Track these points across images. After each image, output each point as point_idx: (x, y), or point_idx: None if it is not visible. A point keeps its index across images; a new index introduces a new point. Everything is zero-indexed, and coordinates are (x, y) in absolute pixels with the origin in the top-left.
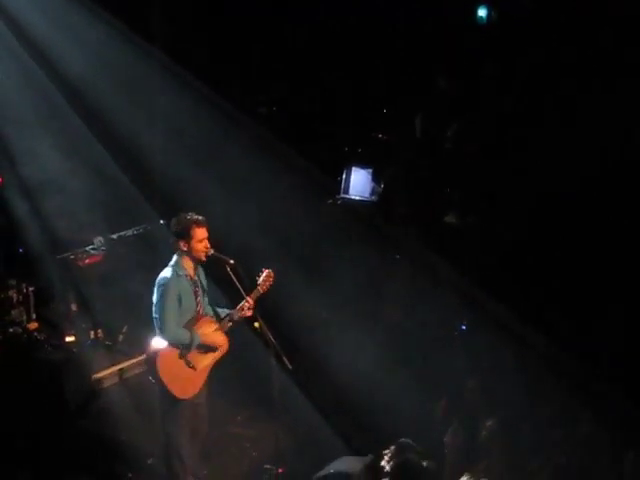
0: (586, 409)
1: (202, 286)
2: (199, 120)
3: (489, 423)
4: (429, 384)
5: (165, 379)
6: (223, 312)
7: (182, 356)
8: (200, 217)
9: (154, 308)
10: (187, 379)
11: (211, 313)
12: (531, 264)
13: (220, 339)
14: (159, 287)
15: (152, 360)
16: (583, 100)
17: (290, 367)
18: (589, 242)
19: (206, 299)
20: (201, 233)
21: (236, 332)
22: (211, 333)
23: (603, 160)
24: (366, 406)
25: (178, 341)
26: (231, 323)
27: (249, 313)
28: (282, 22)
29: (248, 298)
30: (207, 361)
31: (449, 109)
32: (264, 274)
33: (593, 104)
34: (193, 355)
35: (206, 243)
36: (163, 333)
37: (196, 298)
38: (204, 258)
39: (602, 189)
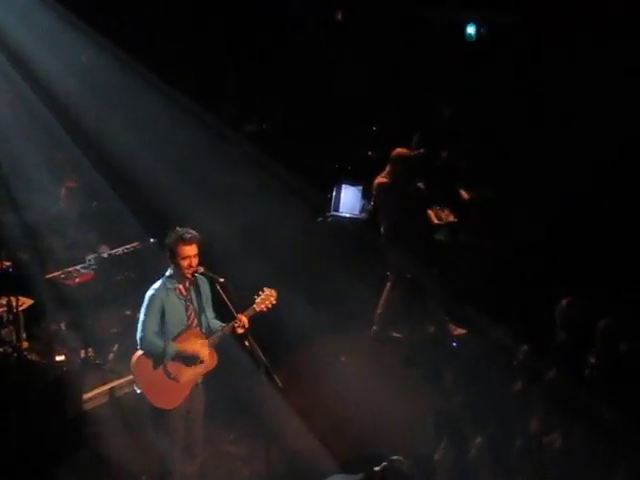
0: (576, 421)
1: (199, 301)
2: (190, 138)
3: (478, 441)
4: (419, 401)
5: (142, 386)
6: (216, 326)
7: (157, 366)
8: (188, 234)
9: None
10: (168, 390)
11: (208, 329)
12: (519, 279)
13: (202, 352)
14: (146, 297)
15: (132, 368)
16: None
17: (280, 385)
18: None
19: (207, 314)
20: (187, 250)
21: (227, 350)
22: (192, 345)
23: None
24: (357, 424)
25: (150, 350)
26: (220, 337)
27: (240, 330)
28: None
29: (241, 316)
30: (191, 374)
31: (445, 131)
32: (265, 293)
33: (588, 116)
34: (174, 366)
35: (190, 261)
36: (139, 340)
37: (186, 312)
38: (189, 275)
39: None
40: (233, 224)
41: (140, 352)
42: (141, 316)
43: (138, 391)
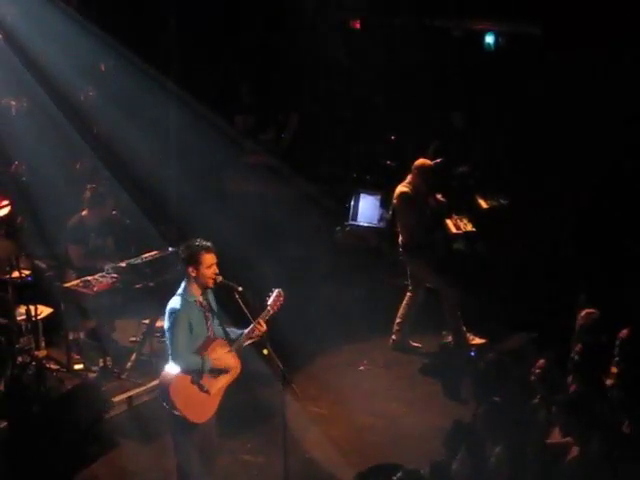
0: (595, 432)
1: (212, 309)
2: (207, 147)
3: (497, 450)
4: (437, 411)
5: (179, 405)
6: (234, 333)
7: (195, 381)
8: (208, 243)
9: (166, 335)
10: (201, 403)
11: (222, 335)
12: (537, 288)
13: (232, 361)
14: (170, 315)
15: (165, 386)
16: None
17: (299, 394)
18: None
19: (216, 321)
20: (210, 259)
21: (244, 359)
22: (223, 356)
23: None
24: (375, 433)
25: (190, 367)
26: (242, 345)
27: (262, 332)
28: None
29: (260, 320)
30: (220, 384)
31: (461, 142)
32: (274, 294)
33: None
34: (206, 379)
35: (215, 269)
36: (175, 360)
37: (207, 323)
38: (212, 284)
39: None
40: (250, 233)
41: (174, 370)
42: (170, 335)
43: (169, 408)
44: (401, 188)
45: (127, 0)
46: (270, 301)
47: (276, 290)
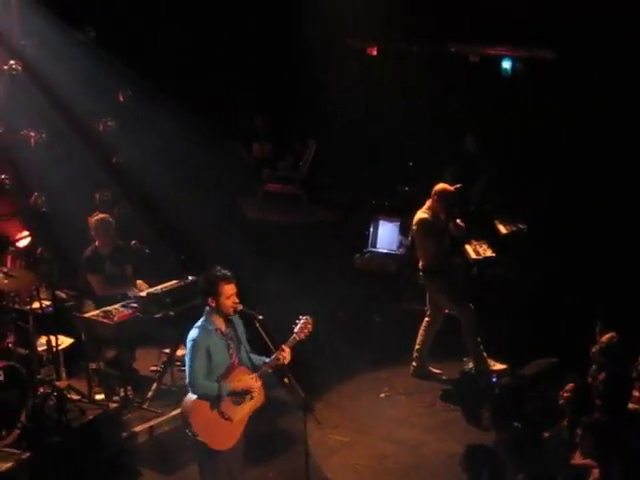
0: (618, 456)
1: (237, 338)
2: (225, 176)
3: (520, 478)
4: (459, 438)
5: (200, 431)
6: (260, 361)
7: (214, 408)
8: (228, 273)
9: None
10: (223, 431)
11: (249, 364)
12: (555, 314)
13: (253, 385)
14: (189, 342)
15: (186, 413)
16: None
17: (320, 422)
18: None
19: (244, 350)
20: (229, 289)
21: (266, 387)
22: (243, 381)
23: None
24: (397, 460)
25: (206, 393)
26: (265, 372)
27: (286, 361)
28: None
29: (284, 346)
30: (243, 412)
31: (475, 165)
32: (302, 321)
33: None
34: (227, 406)
35: (234, 299)
36: (191, 387)
37: (228, 350)
38: (232, 313)
39: None
40: (269, 260)
41: (193, 397)
42: (188, 362)
43: (191, 435)
44: (420, 214)
45: (143, 30)
46: (297, 328)
47: (304, 317)
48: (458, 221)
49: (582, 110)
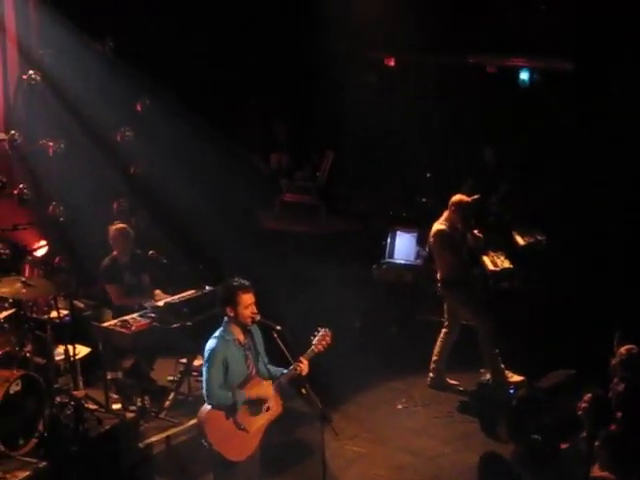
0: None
1: (255, 348)
2: (243, 186)
3: None
4: (476, 449)
5: (215, 441)
6: (278, 372)
7: (229, 417)
8: (246, 282)
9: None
10: (239, 441)
11: (266, 375)
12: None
13: (270, 395)
14: (206, 352)
15: (202, 423)
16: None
17: (337, 432)
18: None
19: (262, 361)
20: (247, 299)
21: (284, 397)
22: (259, 390)
23: None
24: (414, 471)
25: (220, 403)
26: (283, 383)
27: (304, 372)
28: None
29: (302, 358)
30: (259, 423)
31: (493, 176)
32: (320, 333)
33: None
34: (243, 416)
35: (253, 308)
36: (206, 396)
37: (246, 361)
38: (251, 323)
39: None
40: (286, 270)
41: (209, 407)
42: (205, 373)
43: (207, 445)
44: (438, 226)
45: (161, 40)
46: (315, 340)
47: (322, 330)
48: (476, 232)
49: (600, 121)
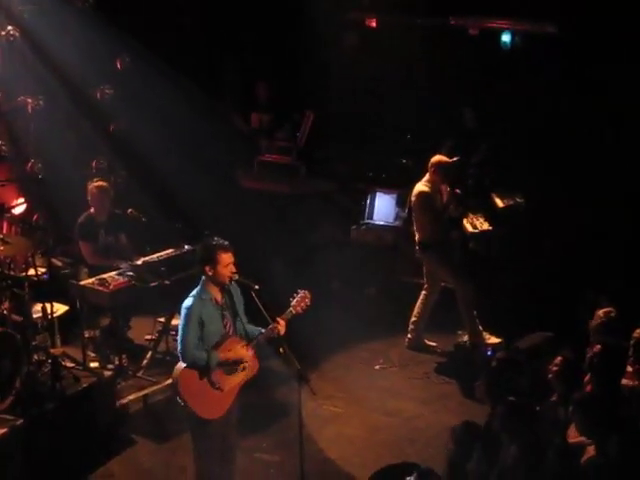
0: (612, 432)
1: (233, 308)
2: (222, 145)
3: (512, 450)
4: (452, 410)
5: (188, 400)
6: (256, 331)
7: (203, 377)
8: (226, 242)
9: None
10: (212, 400)
11: (244, 334)
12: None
13: (245, 355)
14: (182, 310)
15: (176, 381)
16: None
17: (314, 392)
18: None
19: (241, 320)
20: (227, 258)
21: (260, 357)
22: (235, 351)
23: None
24: (390, 432)
25: (195, 363)
26: (260, 343)
27: (282, 333)
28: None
29: (280, 319)
30: (234, 382)
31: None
32: (299, 295)
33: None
34: (218, 376)
35: (232, 268)
36: (181, 355)
37: (223, 320)
38: (229, 282)
39: None
40: (264, 231)
41: (183, 365)
42: (180, 331)
43: (182, 403)
44: (420, 187)
45: None
46: (294, 302)
47: (302, 291)
48: (457, 192)
49: (582, 84)
